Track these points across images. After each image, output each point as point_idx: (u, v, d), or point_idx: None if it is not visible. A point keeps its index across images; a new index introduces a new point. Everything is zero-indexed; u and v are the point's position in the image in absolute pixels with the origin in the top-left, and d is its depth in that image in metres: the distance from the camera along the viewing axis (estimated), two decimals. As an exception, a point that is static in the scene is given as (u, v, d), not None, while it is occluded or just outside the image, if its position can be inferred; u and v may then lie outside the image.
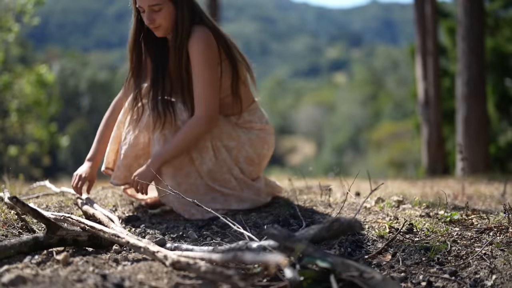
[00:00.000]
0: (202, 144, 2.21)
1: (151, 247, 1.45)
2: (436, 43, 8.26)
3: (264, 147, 2.35)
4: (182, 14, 2.16)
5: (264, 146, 2.35)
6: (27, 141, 10.05)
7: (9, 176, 3.11)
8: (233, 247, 1.47)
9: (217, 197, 2.24)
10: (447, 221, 2.05)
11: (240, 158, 2.28)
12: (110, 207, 2.39)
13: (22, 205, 1.62)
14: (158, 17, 2.13)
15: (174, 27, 2.16)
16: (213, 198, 2.24)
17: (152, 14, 2.13)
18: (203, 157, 2.21)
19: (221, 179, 2.24)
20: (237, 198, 2.26)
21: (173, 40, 2.18)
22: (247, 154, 2.29)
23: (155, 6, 2.11)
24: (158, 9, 2.12)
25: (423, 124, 8.43)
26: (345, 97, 39.79)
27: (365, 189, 3.30)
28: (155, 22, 2.14)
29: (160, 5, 2.11)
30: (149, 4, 2.11)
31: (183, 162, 2.21)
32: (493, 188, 3.63)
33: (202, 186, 2.23)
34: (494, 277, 1.49)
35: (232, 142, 2.27)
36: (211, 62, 2.16)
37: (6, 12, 8.02)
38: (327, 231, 1.42)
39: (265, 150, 2.36)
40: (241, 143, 2.28)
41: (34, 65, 9.45)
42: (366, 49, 75.22)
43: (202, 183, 2.23)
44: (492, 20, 10.82)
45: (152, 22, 2.14)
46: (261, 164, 2.37)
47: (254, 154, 2.31)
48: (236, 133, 2.28)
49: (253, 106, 2.38)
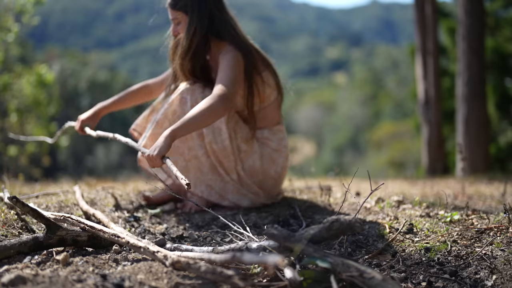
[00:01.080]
0: (216, 125, 2.24)
1: (151, 247, 1.45)
2: (436, 43, 8.25)
3: (272, 168, 2.35)
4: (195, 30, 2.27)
5: (273, 167, 2.35)
6: (27, 141, 10.05)
7: (9, 176, 3.11)
8: (233, 247, 1.47)
9: (216, 181, 2.26)
10: (447, 221, 2.05)
11: (245, 164, 2.29)
12: (110, 207, 2.39)
13: (22, 205, 1.62)
14: (180, 30, 2.32)
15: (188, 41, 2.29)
16: (212, 180, 2.26)
17: (175, 27, 2.33)
18: (215, 137, 2.24)
19: (226, 166, 2.26)
20: (234, 190, 2.26)
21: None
22: (253, 164, 2.30)
23: (174, 19, 2.32)
24: (177, 22, 2.31)
25: (423, 124, 8.43)
26: (345, 97, 39.79)
27: (365, 189, 3.30)
28: (179, 34, 2.33)
29: (177, 19, 2.31)
30: (171, 18, 2.32)
31: (193, 135, 2.26)
32: (493, 188, 3.63)
33: (207, 164, 2.26)
34: (494, 277, 1.49)
35: (244, 146, 2.29)
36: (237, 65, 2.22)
37: (5, 12, 8.01)
38: (327, 231, 1.41)
39: (272, 172, 2.35)
40: (252, 151, 2.30)
41: (34, 65, 9.44)
42: (366, 49, 75.25)
43: (207, 161, 2.26)
44: (493, 20, 10.82)
45: (176, 34, 2.34)
46: (265, 182, 2.35)
47: (260, 169, 2.31)
48: (251, 141, 2.32)
49: (277, 128, 2.41)
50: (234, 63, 2.20)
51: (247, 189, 2.28)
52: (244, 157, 2.29)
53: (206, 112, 1.98)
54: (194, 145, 2.26)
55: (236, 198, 2.27)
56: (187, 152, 2.26)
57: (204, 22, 2.25)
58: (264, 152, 2.33)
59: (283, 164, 2.39)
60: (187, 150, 2.26)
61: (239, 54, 2.24)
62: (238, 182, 2.28)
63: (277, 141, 2.38)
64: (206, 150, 2.26)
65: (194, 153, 2.26)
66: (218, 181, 2.27)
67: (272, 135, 2.38)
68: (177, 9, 2.27)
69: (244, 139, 2.29)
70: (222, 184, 2.27)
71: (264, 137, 2.37)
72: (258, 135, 2.37)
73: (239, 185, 2.27)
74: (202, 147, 2.25)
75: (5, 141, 9.06)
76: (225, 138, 2.24)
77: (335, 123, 37.51)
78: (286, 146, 2.42)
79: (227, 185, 2.27)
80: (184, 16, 2.27)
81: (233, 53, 2.22)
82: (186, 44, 2.25)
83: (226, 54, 2.22)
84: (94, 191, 2.81)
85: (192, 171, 2.26)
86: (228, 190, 2.27)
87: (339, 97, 41.24)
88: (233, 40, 2.28)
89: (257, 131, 2.37)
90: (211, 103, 2.01)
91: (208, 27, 2.26)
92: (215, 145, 2.24)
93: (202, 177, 2.28)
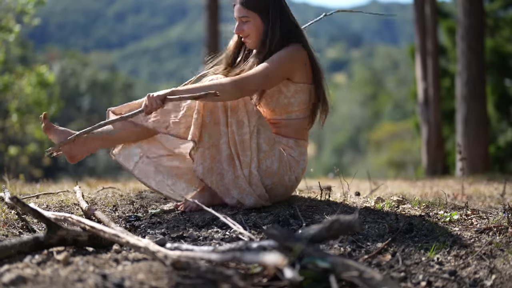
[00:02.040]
0: (241, 117, 2.26)
1: (151, 247, 1.46)
2: (436, 43, 8.26)
3: (287, 174, 2.35)
4: (272, 32, 2.29)
5: (288, 173, 2.35)
6: (28, 141, 10.06)
7: (9, 176, 3.12)
8: (233, 247, 1.48)
9: (229, 172, 2.28)
10: (447, 221, 2.05)
11: (263, 164, 2.29)
12: (110, 207, 2.40)
13: (22, 205, 1.62)
14: (246, 28, 2.31)
15: (261, 42, 2.31)
16: (225, 170, 2.28)
17: (241, 25, 2.32)
18: (237, 129, 2.26)
19: (241, 159, 2.27)
20: (241, 186, 2.26)
21: (257, 53, 2.33)
22: (271, 165, 2.30)
23: (243, 18, 2.31)
24: (245, 20, 2.31)
25: (422, 124, 8.44)
26: (345, 97, 39.77)
27: (365, 189, 3.30)
28: (243, 33, 2.33)
29: (247, 17, 2.30)
30: (238, 15, 2.31)
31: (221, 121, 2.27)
32: (493, 188, 3.64)
33: (225, 153, 2.28)
34: (493, 277, 1.50)
35: (266, 146, 2.29)
36: (283, 64, 2.25)
37: (6, 13, 8.02)
38: (327, 231, 1.42)
39: (286, 178, 2.35)
40: (272, 152, 2.30)
41: (35, 65, 9.45)
42: (366, 49, 75.22)
43: (226, 150, 2.27)
44: (492, 20, 10.82)
45: (241, 32, 2.33)
46: (276, 188, 2.35)
47: (276, 172, 2.31)
48: (273, 142, 2.32)
49: (302, 142, 2.43)
50: (280, 58, 2.24)
51: (254, 189, 2.28)
52: (263, 158, 2.29)
53: (212, 87, 2.10)
54: (217, 132, 2.27)
55: (241, 196, 2.27)
56: (208, 139, 2.26)
57: (278, 24, 2.30)
58: (284, 158, 2.35)
59: (298, 175, 2.40)
60: (208, 138, 2.26)
61: (304, 53, 2.31)
62: (248, 179, 2.28)
63: (299, 152, 2.41)
64: (228, 139, 2.27)
65: (213, 142, 2.27)
66: (230, 172, 2.27)
67: (295, 146, 2.41)
68: (249, 8, 2.29)
69: (267, 139, 2.31)
70: (232, 177, 2.27)
71: (288, 145, 2.39)
72: (283, 141, 2.39)
73: (248, 183, 2.27)
74: (225, 135, 2.27)
75: (5, 141, 9.06)
76: (245, 132, 2.26)
77: (335, 123, 37.49)
78: (305, 161, 2.44)
79: (236, 180, 2.27)
80: (256, 15, 2.29)
81: (291, 49, 2.27)
82: (265, 45, 2.29)
83: (288, 47, 2.27)
84: (94, 191, 2.82)
85: (208, 160, 2.26)
86: (236, 184, 2.27)
87: (339, 97, 41.20)
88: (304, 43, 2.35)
89: (283, 138, 2.39)
90: (222, 83, 2.14)
91: (281, 30, 2.32)
92: (237, 137, 2.26)
93: (215, 167, 2.28)
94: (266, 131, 2.32)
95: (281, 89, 2.35)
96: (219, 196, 2.32)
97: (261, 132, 2.30)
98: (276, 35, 2.30)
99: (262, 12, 2.30)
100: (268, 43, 2.29)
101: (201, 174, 2.26)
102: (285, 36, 2.32)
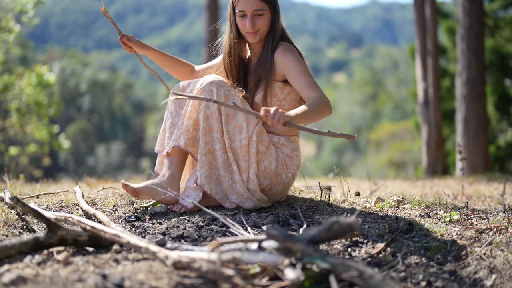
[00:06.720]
0: (239, 122, 2.27)
1: (151, 247, 1.46)
2: (436, 43, 8.26)
3: (284, 173, 2.36)
4: (278, 25, 2.36)
5: (285, 172, 2.36)
6: (28, 141, 10.06)
7: (9, 176, 3.12)
8: (233, 247, 1.48)
9: (226, 178, 2.28)
10: (447, 221, 2.05)
11: (261, 165, 2.30)
12: (110, 207, 2.40)
13: (22, 205, 1.62)
14: (259, 22, 2.31)
15: (270, 34, 2.35)
16: (222, 176, 2.28)
17: (254, 19, 2.30)
18: (235, 134, 2.27)
19: (239, 164, 2.28)
20: (239, 192, 2.26)
21: (265, 45, 2.36)
22: (269, 165, 2.31)
23: (259, 11, 2.30)
24: (261, 13, 2.30)
25: (422, 124, 8.44)
26: (345, 97, 39.77)
27: (365, 189, 3.30)
28: (256, 27, 2.31)
29: (263, 10, 2.30)
30: (254, 9, 2.29)
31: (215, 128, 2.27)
32: (493, 188, 3.64)
33: (221, 159, 2.28)
34: (493, 277, 1.50)
35: (262, 147, 2.31)
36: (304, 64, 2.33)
37: (6, 13, 8.01)
38: (326, 232, 1.42)
39: (283, 177, 2.36)
40: (269, 152, 2.32)
41: (35, 65, 9.44)
42: (366, 49, 75.24)
43: (222, 157, 2.27)
44: (492, 20, 10.82)
45: (254, 26, 2.31)
46: (274, 187, 2.36)
47: (274, 172, 2.33)
48: (268, 142, 2.34)
49: (294, 138, 2.44)
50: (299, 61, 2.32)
51: (252, 193, 2.28)
52: (261, 159, 2.30)
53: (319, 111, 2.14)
54: (213, 138, 2.26)
55: (240, 200, 2.28)
56: (204, 145, 2.26)
57: (280, 18, 2.38)
58: (279, 156, 2.36)
59: (294, 171, 2.41)
60: (204, 144, 2.26)
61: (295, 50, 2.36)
62: (246, 185, 2.28)
63: (291, 148, 2.41)
64: (223, 145, 2.27)
65: (210, 147, 2.27)
66: (227, 178, 2.28)
67: (287, 143, 2.41)
68: (265, 0, 2.30)
69: (263, 141, 2.32)
70: (230, 182, 2.27)
71: (280, 143, 2.40)
72: (274, 140, 2.40)
73: (246, 188, 2.27)
74: (220, 141, 2.27)
75: (6, 141, 9.06)
76: (244, 138, 2.26)
77: (335, 123, 37.49)
78: (299, 156, 2.45)
79: (234, 185, 2.27)
80: (268, 9, 2.32)
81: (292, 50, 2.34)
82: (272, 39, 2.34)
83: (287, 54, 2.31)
84: (94, 191, 2.82)
85: (205, 166, 2.26)
86: (234, 190, 2.27)
87: (339, 97, 41.22)
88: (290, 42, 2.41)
89: (274, 137, 2.40)
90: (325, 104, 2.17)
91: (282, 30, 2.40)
92: (233, 143, 2.27)
93: (212, 173, 2.28)
94: (262, 134, 2.33)
95: (276, 92, 2.36)
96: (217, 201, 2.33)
97: (258, 136, 2.31)
98: (280, 29, 2.37)
99: (272, 5, 2.34)
100: (276, 36, 2.34)
101: (200, 180, 2.27)
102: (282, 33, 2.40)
